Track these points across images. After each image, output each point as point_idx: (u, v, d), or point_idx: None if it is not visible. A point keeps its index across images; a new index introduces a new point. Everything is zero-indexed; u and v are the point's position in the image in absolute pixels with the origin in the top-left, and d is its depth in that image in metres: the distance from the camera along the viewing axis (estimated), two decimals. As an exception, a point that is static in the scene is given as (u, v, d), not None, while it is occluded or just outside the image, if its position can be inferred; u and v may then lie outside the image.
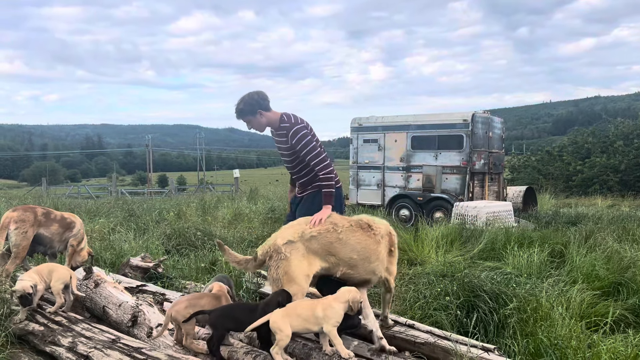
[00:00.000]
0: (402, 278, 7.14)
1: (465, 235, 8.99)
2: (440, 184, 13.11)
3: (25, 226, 5.50)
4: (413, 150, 13.70)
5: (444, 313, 5.16)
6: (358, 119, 14.89)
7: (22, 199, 15.95)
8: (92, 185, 47.87)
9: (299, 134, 4.25)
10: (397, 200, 13.75)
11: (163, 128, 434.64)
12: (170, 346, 3.98)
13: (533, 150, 40.22)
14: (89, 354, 3.75)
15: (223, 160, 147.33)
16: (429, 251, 8.38)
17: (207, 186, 38.48)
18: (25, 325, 4.37)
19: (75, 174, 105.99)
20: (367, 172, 14.57)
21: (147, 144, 61.32)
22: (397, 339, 4.32)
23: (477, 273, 5.93)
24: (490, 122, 13.74)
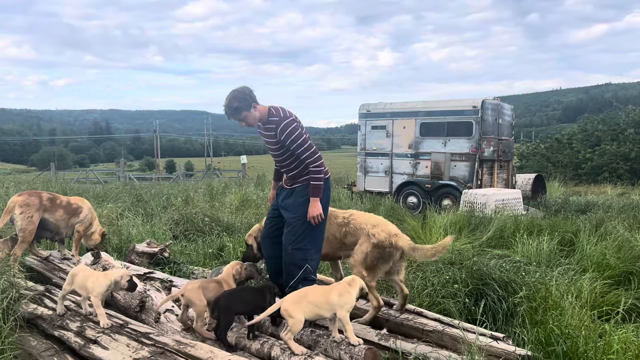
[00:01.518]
0: (409, 265, 7.12)
1: (474, 222, 8.92)
2: (448, 171, 13.01)
3: (31, 210, 5.50)
4: (422, 137, 13.58)
5: (452, 301, 5.13)
6: (366, 105, 14.76)
7: (31, 184, 16.03)
8: (100, 171, 48.10)
9: (289, 127, 4.17)
10: (405, 187, 13.67)
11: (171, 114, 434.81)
12: (177, 331, 3.98)
13: (542, 138, 39.84)
14: (97, 339, 3.76)
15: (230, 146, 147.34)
16: (437, 239, 8.33)
17: (215, 172, 38.51)
18: (34, 310, 4.38)
19: (83, 159, 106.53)
20: (375, 159, 14.48)
21: (154, 129, 61.42)
22: (405, 326, 4.31)
23: (485, 261, 5.89)
24: (500, 108, 13.58)
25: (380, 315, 4.49)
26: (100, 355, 3.59)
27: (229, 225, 8.94)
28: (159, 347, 3.55)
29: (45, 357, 3.78)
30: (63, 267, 5.82)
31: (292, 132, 4.17)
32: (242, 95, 4.13)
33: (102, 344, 3.70)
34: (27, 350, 3.89)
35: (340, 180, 19.07)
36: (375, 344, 3.94)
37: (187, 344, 3.55)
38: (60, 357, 3.80)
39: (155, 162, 59.59)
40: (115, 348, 3.61)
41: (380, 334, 4.05)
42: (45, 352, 3.86)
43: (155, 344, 3.61)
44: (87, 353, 3.68)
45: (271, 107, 4.33)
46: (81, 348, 3.75)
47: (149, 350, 3.52)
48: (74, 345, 3.83)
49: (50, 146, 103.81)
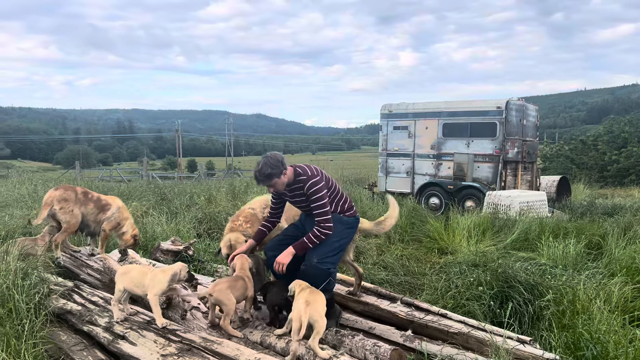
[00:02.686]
0: (432, 267, 7.08)
1: (498, 224, 8.84)
2: (471, 173, 12.89)
3: (70, 205, 5.76)
4: (444, 137, 13.47)
5: (476, 303, 5.09)
6: (388, 105, 14.71)
7: (57, 182, 16.34)
8: (124, 169, 48.77)
9: (315, 186, 4.22)
10: (427, 188, 13.59)
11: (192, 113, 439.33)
12: (203, 328, 4.02)
13: (566, 139, 39.20)
14: (125, 334, 3.82)
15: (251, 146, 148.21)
16: (460, 240, 8.27)
17: (236, 171, 38.76)
18: (64, 305, 4.47)
19: (107, 157, 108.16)
20: (396, 160, 14.42)
21: (177, 129, 62.04)
22: (429, 328, 4.28)
23: (510, 263, 5.82)
24: (525, 109, 13.41)
25: (404, 317, 4.48)
26: (128, 350, 3.64)
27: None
28: (185, 344, 3.59)
29: (75, 351, 3.85)
30: (90, 264, 5.92)
31: (316, 191, 4.20)
32: (275, 162, 4.18)
33: (130, 340, 3.75)
34: (58, 344, 3.97)
35: (361, 181, 19.02)
36: (400, 344, 3.92)
37: (214, 341, 3.58)
38: (90, 351, 3.87)
39: (177, 161, 60.19)
40: (143, 344, 3.67)
41: (404, 335, 4.04)
42: (75, 346, 3.93)
43: (182, 340, 3.65)
44: (116, 348, 3.74)
45: (296, 167, 4.39)
46: (109, 343, 3.81)
47: (176, 346, 3.56)
48: (102, 340, 3.89)
49: (75, 145, 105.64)
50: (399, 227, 9.06)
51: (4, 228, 7.17)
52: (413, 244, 8.52)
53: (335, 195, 4.44)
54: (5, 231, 7.06)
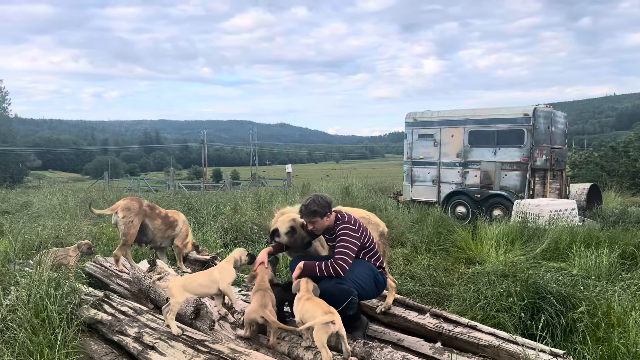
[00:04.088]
0: (460, 277, 6.98)
1: (527, 234, 8.67)
2: (499, 181, 12.70)
3: (131, 215, 5.94)
4: (470, 145, 13.33)
5: (506, 315, 4.99)
6: (413, 113, 14.63)
7: (87, 192, 16.69)
8: (151, 179, 49.58)
9: (347, 230, 4.24)
10: (454, 197, 13.43)
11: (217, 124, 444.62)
12: (232, 339, 4.03)
13: (595, 146, 38.30)
14: (155, 345, 3.85)
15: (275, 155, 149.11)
16: (488, 250, 8.15)
17: (260, 181, 39.00)
18: (94, 315, 4.54)
19: (134, 167, 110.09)
20: (422, 168, 14.31)
21: (202, 139, 62.84)
22: (459, 340, 4.20)
23: (541, 274, 5.71)
24: (553, 116, 13.18)
25: (433, 328, 4.41)
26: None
27: (277, 234, 9.01)
28: (214, 355, 3.60)
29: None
30: (119, 274, 6.02)
31: (346, 235, 4.21)
32: (323, 202, 4.24)
33: (159, 350, 3.78)
34: (89, 354, 4.02)
35: (386, 190, 18.93)
36: (429, 357, 3.86)
37: (242, 352, 3.58)
38: (120, 361, 3.92)
39: (203, 170, 60.92)
40: (172, 355, 3.69)
41: (434, 348, 3.97)
42: (105, 356, 3.98)
43: (211, 351, 3.66)
44: (145, 359, 3.77)
45: (338, 212, 4.43)
46: (139, 354, 3.84)
47: (205, 357, 3.57)
48: (132, 350, 3.93)
49: (104, 155, 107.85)
50: (426, 237, 8.97)
51: (37, 238, 7.33)
52: (440, 254, 8.41)
53: (372, 250, 4.43)
54: (39, 241, 7.23)
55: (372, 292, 4.38)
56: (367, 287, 4.26)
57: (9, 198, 15.45)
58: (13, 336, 3.75)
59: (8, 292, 4.71)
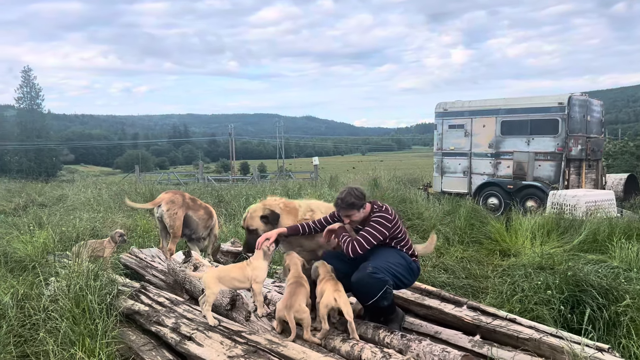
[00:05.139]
0: (494, 269, 6.86)
1: (563, 225, 8.45)
2: (532, 171, 12.42)
3: (175, 207, 6.08)
4: (503, 135, 13.06)
5: (545, 308, 4.88)
6: (443, 103, 14.41)
7: (120, 185, 17.00)
8: (180, 172, 50.25)
9: (382, 220, 4.19)
10: (485, 188, 13.21)
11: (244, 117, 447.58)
12: (268, 330, 4.03)
13: (630, 135, 37.15)
14: (192, 335, 3.87)
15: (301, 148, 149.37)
16: (523, 242, 7.98)
17: (288, 173, 39.14)
18: (132, 305, 4.60)
19: (163, 161, 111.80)
20: (452, 159, 14.11)
21: (229, 132, 63.36)
22: (498, 333, 4.11)
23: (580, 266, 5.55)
24: (589, 105, 12.81)
25: (471, 321, 4.33)
26: (196, 351, 3.69)
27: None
28: (251, 346, 3.60)
29: (145, 351, 3.95)
30: (154, 265, 6.09)
31: (379, 223, 4.16)
32: (359, 194, 4.20)
33: (196, 341, 3.80)
34: (128, 344, 4.08)
35: (415, 182, 18.75)
36: (469, 350, 3.79)
37: (279, 343, 3.57)
38: (158, 351, 3.95)
39: (231, 164, 61.50)
40: (209, 345, 3.71)
41: (473, 340, 3.89)
42: (144, 346, 4.03)
43: (248, 342, 3.66)
44: (183, 349, 3.80)
45: (374, 202, 4.38)
46: (177, 344, 3.88)
47: (242, 348, 3.58)
48: (170, 341, 3.97)
49: (134, 149, 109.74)
50: (458, 229, 8.84)
51: (74, 230, 7.49)
52: (473, 246, 8.27)
53: (403, 239, 4.35)
54: (75, 233, 7.38)
55: (407, 281, 4.31)
56: (402, 276, 4.19)
57: (45, 191, 15.84)
58: (55, 326, 3.83)
59: (48, 283, 4.82)
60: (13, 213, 10.68)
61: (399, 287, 4.30)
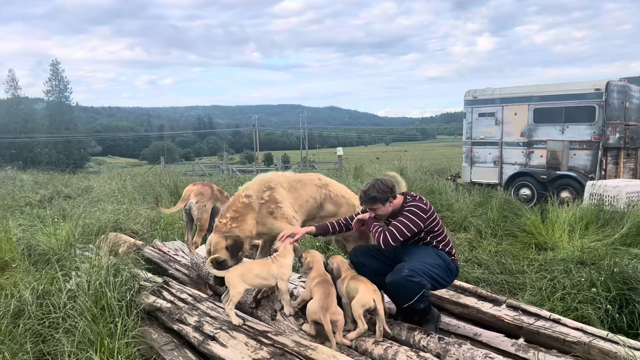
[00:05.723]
0: (530, 264, 6.53)
1: (603, 217, 8.01)
2: (567, 161, 11.91)
3: (204, 199, 5.98)
4: (535, 123, 12.56)
5: (590, 307, 4.56)
6: (472, 91, 13.95)
7: (144, 177, 17.02)
8: (205, 164, 50.52)
9: (416, 209, 3.89)
10: (517, 178, 12.75)
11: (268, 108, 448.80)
12: (295, 331, 3.80)
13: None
14: (215, 335, 3.67)
15: (324, 138, 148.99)
16: (560, 235, 7.59)
17: (311, 164, 38.96)
18: (154, 302, 4.43)
19: (188, 152, 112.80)
20: (482, 148, 13.66)
21: (253, 123, 63.46)
22: (541, 335, 3.81)
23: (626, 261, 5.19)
24: (628, 90, 12.20)
25: (511, 322, 4.03)
26: (219, 352, 3.49)
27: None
28: (278, 348, 3.38)
29: (166, 351, 3.77)
30: (178, 259, 5.93)
31: (413, 213, 3.87)
32: (384, 187, 3.92)
33: (220, 341, 3.60)
34: (149, 343, 3.90)
35: (442, 172, 18.31)
36: (512, 355, 3.50)
37: (308, 346, 3.34)
38: (180, 351, 3.77)
39: (255, 155, 61.64)
40: (233, 346, 3.50)
41: (516, 344, 3.60)
42: (165, 345, 3.85)
43: (274, 344, 3.45)
44: (206, 349, 3.60)
45: (407, 194, 4.10)
46: (200, 344, 3.68)
47: (268, 350, 3.36)
48: (192, 340, 3.78)
49: (159, 141, 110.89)
50: (491, 221, 8.48)
51: (97, 223, 7.39)
52: (507, 239, 7.92)
53: (440, 234, 4.07)
54: (98, 226, 7.28)
55: (445, 283, 4.03)
56: (440, 279, 3.91)
57: (71, 183, 15.94)
58: (74, 324, 3.66)
59: (69, 277, 4.68)
60: (38, 205, 10.71)
61: (436, 288, 4.02)
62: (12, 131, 68.87)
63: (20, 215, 9.05)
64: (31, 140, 69.46)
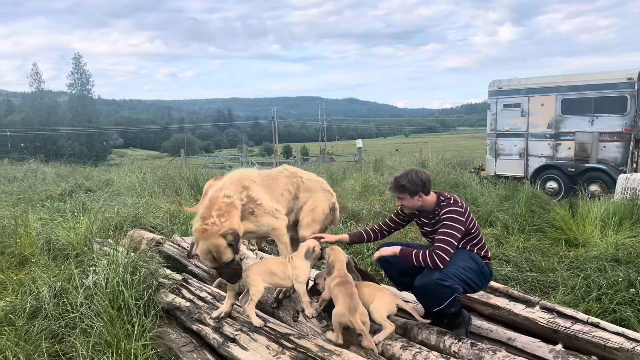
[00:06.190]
0: (561, 261, 6.26)
1: (638, 213, 7.68)
2: (596, 153, 11.52)
3: None
4: (563, 114, 12.17)
5: (629, 309, 4.31)
6: (497, 81, 13.57)
7: (164, 169, 17.01)
8: (224, 156, 50.63)
9: (454, 214, 3.69)
10: (544, 171, 12.39)
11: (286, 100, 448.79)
12: (318, 334, 3.63)
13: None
14: (236, 337, 3.53)
15: (343, 130, 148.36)
16: (592, 231, 7.28)
17: (331, 156, 38.74)
18: (172, 300, 4.31)
19: (209, 145, 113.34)
20: (507, 140, 13.30)
21: (272, 116, 63.42)
22: (580, 340, 3.59)
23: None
24: (661, 80, 11.73)
25: (546, 325, 3.81)
26: (240, 355, 3.35)
27: (354, 213, 8.60)
28: (300, 352, 3.22)
29: (185, 352, 3.64)
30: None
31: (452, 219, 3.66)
32: (416, 179, 3.74)
33: (240, 344, 3.46)
34: (167, 343, 3.78)
35: (465, 164, 17.94)
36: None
37: (332, 351, 3.17)
38: (199, 353, 3.64)
39: (274, 147, 61.64)
40: (254, 349, 3.35)
41: (554, 350, 3.38)
42: (184, 347, 3.72)
43: (297, 347, 3.29)
44: (226, 352, 3.46)
45: (441, 194, 3.90)
46: (220, 346, 3.55)
47: (290, 355, 3.21)
48: (212, 342, 3.64)
49: (180, 133, 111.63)
50: (518, 216, 8.20)
51: (116, 217, 7.31)
52: (535, 235, 7.64)
53: (476, 237, 3.86)
54: (117, 220, 7.20)
55: (477, 287, 3.82)
56: (472, 283, 3.70)
57: (93, 176, 16.00)
58: (91, 324, 3.55)
59: (87, 274, 4.58)
60: (59, 198, 10.72)
61: (467, 292, 3.81)
62: (36, 124, 70.06)
63: (41, 209, 9.04)
64: (55, 133, 70.55)
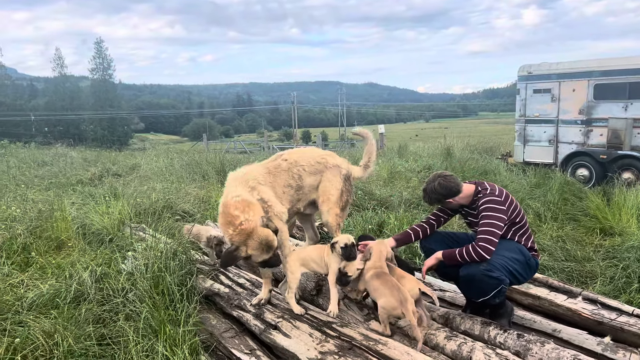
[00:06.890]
0: (596, 250, 6.14)
1: (676, 201, 7.48)
2: (630, 140, 11.22)
3: None
4: (596, 100, 11.87)
5: (674, 301, 4.21)
6: (527, 66, 13.28)
7: (190, 155, 17.11)
8: (244, 141, 50.80)
9: (491, 204, 3.62)
10: (574, 158, 12.13)
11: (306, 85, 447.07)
12: (360, 322, 3.62)
13: None
14: (278, 324, 3.54)
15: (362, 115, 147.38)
16: (628, 220, 7.12)
17: (351, 142, 38.55)
18: (211, 286, 4.34)
19: (228, 130, 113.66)
20: (536, 127, 13.04)
21: (292, 101, 63.27)
22: (626, 332, 3.52)
23: None
24: (699, 64, 11.34)
25: (590, 316, 3.74)
26: (283, 343, 3.35)
27: (382, 200, 8.54)
28: (345, 341, 3.22)
29: (227, 338, 3.66)
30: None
31: (491, 209, 3.60)
32: (440, 190, 3.75)
33: (283, 331, 3.47)
34: (209, 329, 3.81)
35: (490, 150, 17.69)
36: (598, 355, 3.22)
37: (377, 340, 3.16)
38: (241, 339, 3.65)
39: (293, 132, 61.58)
40: (297, 337, 3.36)
41: (603, 343, 3.32)
42: (225, 332, 3.74)
43: (340, 336, 3.28)
44: (269, 339, 3.47)
45: (479, 184, 3.83)
46: (262, 333, 3.56)
47: (335, 343, 3.20)
48: (253, 328, 3.66)
49: (200, 118, 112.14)
50: (551, 204, 8.06)
51: (148, 202, 7.38)
52: (569, 223, 7.51)
53: (523, 227, 3.80)
54: (149, 204, 7.26)
55: (522, 279, 3.75)
56: (518, 275, 3.64)
57: (119, 160, 16.19)
58: (135, 309, 3.58)
59: (125, 258, 4.64)
60: (89, 183, 10.86)
61: (512, 284, 3.76)
62: (59, 109, 70.94)
63: (73, 194, 9.17)
64: (77, 118, 71.40)
